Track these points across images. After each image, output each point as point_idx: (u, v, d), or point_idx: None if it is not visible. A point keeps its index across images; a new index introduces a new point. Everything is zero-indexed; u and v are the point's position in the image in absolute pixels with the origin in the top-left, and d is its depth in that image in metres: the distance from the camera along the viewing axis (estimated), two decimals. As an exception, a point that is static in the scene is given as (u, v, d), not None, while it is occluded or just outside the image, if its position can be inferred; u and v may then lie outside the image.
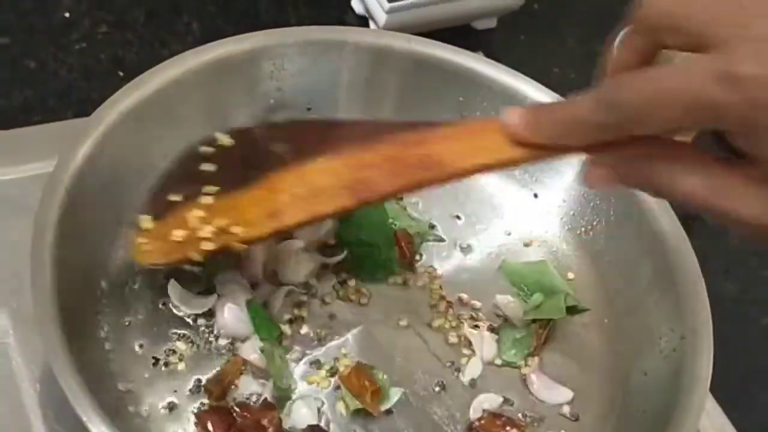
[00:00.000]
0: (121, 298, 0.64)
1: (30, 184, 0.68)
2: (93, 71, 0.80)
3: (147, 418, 0.60)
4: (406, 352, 0.66)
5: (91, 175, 0.62)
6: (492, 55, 0.74)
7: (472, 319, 0.68)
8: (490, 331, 0.67)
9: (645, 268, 0.68)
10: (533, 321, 0.68)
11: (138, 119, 0.65)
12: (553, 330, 0.68)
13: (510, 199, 0.74)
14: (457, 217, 0.73)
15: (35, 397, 0.61)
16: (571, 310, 0.68)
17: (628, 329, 0.68)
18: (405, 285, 0.69)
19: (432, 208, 0.73)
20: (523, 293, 0.69)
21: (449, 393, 0.65)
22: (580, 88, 0.77)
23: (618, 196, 0.70)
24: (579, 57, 0.90)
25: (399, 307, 0.68)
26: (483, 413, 0.63)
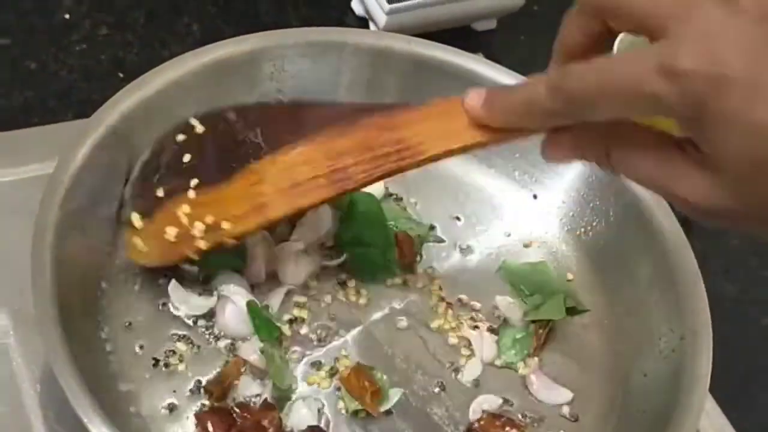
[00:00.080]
0: (121, 299, 0.64)
1: (30, 185, 0.68)
2: (93, 72, 0.80)
3: (147, 419, 0.60)
4: (405, 352, 0.66)
5: (91, 177, 0.62)
6: (492, 57, 0.74)
7: (472, 320, 0.68)
8: (489, 331, 0.67)
9: (645, 268, 0.68)
10: (533, 322, 0.68)
11: (138, 120, 0.66)
12: (552, 331, 0.68)
13: (510, 200, 0.74)
14: (457, 219, 0.73)
15: (35, 398, 0.62)
16: (571, 311, 0.68)
17: (627, 330, 0.68)
18: (405, 286, 0.69)
19: (431, 209, 0.73)
20: (522, 294, 0.69)
21: (449, 394, 0.65)
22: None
23: (617, 197, 0.70)
24: (579, 58, 0.89)
25: (399, 308, 0.68)
26: (482, 414, 0.63)
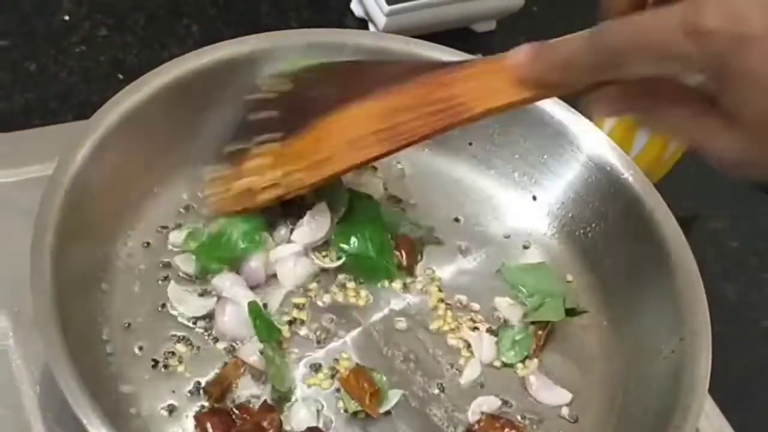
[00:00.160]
0: (120, 300, 0.64)
1: (30, 187, 0.68)
2: (93, 74, 0.80)
3: (146, 420, 0.60)
4: (405, 354, 0.66)
5: (90, 178, 0.63)
6: (491, 58, 0.74)
7: (471, 321, 0.68)
8: (489, 332, 0.67)
9: (644, 269, 0.68)
10: (532, 323, 0.68)
11: (137, 122, 0.66)
12: (552, 332, 0.68)
13: (509, 201, 0.74)
14: (456, 220, 0.73)
15: (35, 399, 0.62)
16: (570, 312, 0.68)
17: (627, 331, 0.68)
18: (404, 287, 0.69)
19: (431, 211, 0.73)
20: (522, 295, 0.69)
21: (448, 395, 0.65)
22: (578, 90, 0.75)
23: (617, 199, 0.70)
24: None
25: (398, 309, 0.68)
26: (481, 415, 0.63)
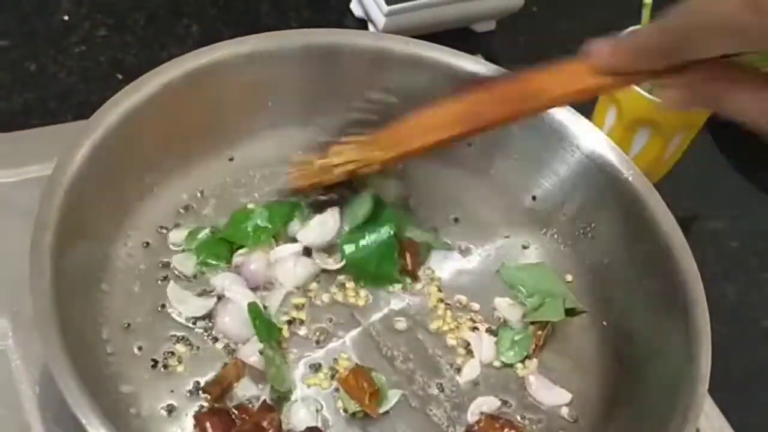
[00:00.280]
0: (120, 300, 0.64)
1: (29, 187, 0.68)
2: (92, 74, 0.80)
3: (146, 420, 0.60)
4: (404, 354, 0.66)
5: (89, 178, 0.62)
6: (491, 58, 0.74)
7: (471, 321, 0.68)
8: (488, 332, 0.67)
9: (644, 270, 0.68)
10: (532, 323, 0.68)
11: (137, 122, 0.66)
12: (551, 332, 0.68)
13: (509, 201, 0.74)
14: (456, 220, 0.73)
15: (34, 399, 0.62)
16: (570, 312, 0.68)
17: (626, 331, 0.68)
18: (403, 287, 0.69)
19: (431, 211, 0.73)
20: (521, 295, 0.69)
21: (448, 395, 0.65)
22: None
23: (616, 199, 0.70)
24: (578, 59, 0.89)
25: (397, 310, 0.68)
26: (481, 416, 0.63)
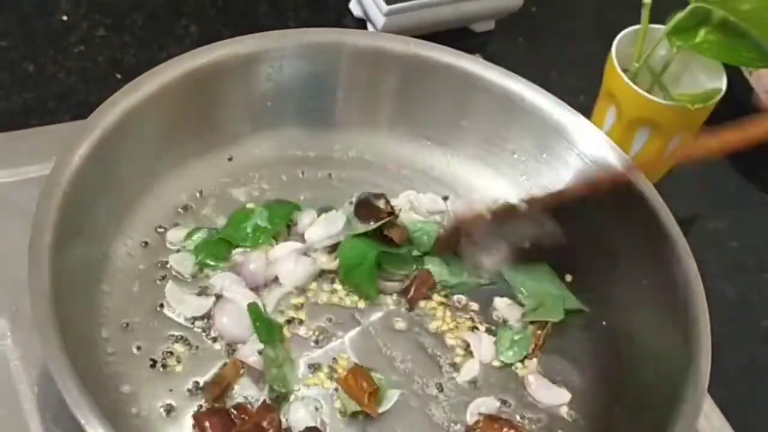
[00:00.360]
0: (119, 300, 0.64)
1: (28, 187, 0.68)
2: (91, 74, 0.80)
3: (145, 420, 0.60)
4: (404, 354, 0.66)
5: (88, 178, 0.62)
6: (490, 58, 0.74)
7: (470, 321, 0.68)
8: (488, 332, 0.67)
9: (644, 270, 0.68)
10: (531, 323, 0.68)
11: (135, 122, 0.65)
12: (551, 332, 0.68)
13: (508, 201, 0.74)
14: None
15: (33, 399, 0.61)
16: (570, 312, 0.68)
17: (626, 331, 0.68)
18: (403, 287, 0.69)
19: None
20: (521, 295, 0.69)
21: (447, 394, 0.65)
22: (578, 91, 0.78)
23: (616, 199, 0.69)
24: (577, 59, 0.89)
25: (397, 310, 0.68)
26: (479, 417, 0.63)
